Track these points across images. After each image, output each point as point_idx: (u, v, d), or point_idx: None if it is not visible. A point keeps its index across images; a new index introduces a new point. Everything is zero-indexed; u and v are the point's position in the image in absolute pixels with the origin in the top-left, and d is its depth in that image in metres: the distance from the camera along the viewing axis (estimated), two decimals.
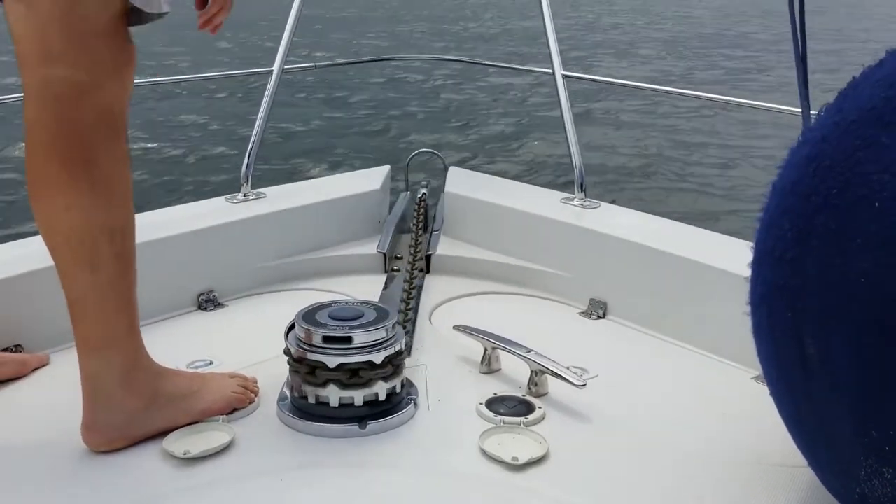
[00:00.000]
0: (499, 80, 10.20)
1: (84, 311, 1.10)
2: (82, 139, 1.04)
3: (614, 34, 16.99)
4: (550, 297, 1.79)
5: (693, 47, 14.74)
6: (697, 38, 15.98)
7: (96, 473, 1.10)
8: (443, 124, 8.51)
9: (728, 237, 1.70)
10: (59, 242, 1.08)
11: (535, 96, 9.17)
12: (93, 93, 1.04)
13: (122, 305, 1.12)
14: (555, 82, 2.05)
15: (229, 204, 1.90)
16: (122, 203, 1.10)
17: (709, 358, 1.51)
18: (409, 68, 10.92)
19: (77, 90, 1.03)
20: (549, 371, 1.29)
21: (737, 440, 1.22)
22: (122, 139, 1.10)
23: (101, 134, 1.06)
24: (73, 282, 1.09)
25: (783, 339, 0.88)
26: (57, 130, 1.04)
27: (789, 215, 0.86)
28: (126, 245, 1.11)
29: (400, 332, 1.27)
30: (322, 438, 1.19)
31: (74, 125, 1.04)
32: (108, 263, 1.08)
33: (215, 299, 1.72)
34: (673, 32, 17.41)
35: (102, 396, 1.12)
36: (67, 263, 1.08)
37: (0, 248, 1.63)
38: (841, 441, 0.85)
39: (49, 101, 1.03)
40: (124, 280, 1.11)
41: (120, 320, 1.12)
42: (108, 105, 1.06)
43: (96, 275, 1.08)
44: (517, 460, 1.11)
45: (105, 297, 1.10)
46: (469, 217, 1.99)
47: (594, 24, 19.42)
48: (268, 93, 2.07)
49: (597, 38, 16.04)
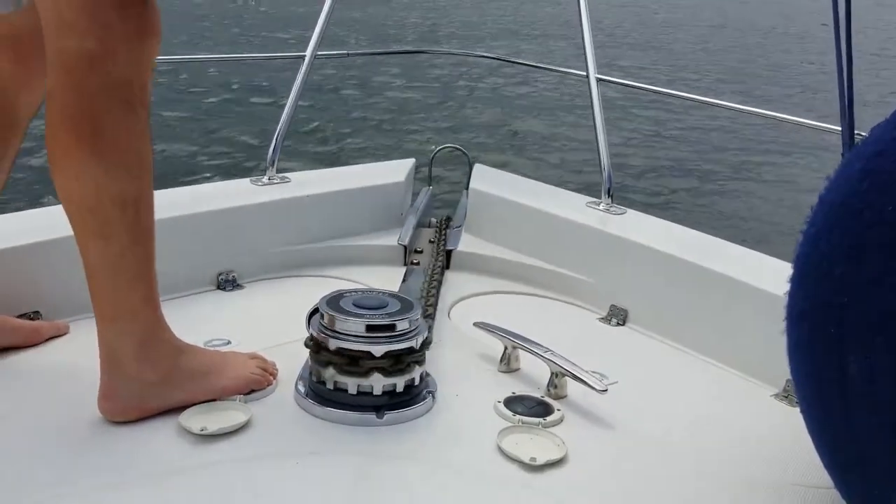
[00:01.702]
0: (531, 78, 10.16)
1: (98, 281, 1.10)
2: (93, 109, 1.03)
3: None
4: (571, 301, 1.77)
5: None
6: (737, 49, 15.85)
7: (111, 445, 1.09)
8: (470, 120, 8.50)
9: (755, 252, 1.68)
10: (73, 211, 1.08)
11: (566, 97, 9.13)
12: (104, 62, 1.02)
13: (136, 277, 1.11)
14: (588, 85, 2.03)
15: (254, 186, 1.89)
16: (136, 174, 1.08)
17: (728, 372, 1.49)
18: (441, 62, 10.90)
19: (87, 59, 1.02)
20: (570, 374, 1.28)
21: (756, 455, 1.21)
22: (137, 110, 1.07)
23: (113, 104, 1.04)
24: (86, 251, 1.09)
25: (823, 358, 0.85)
26: (68, 100, 1.03)
27: (839, 230, 0.84)
28: (141, 217, 1.09)
29: (424, 323, 1.26)
30: (338, 425, 1.18)
31: (86, 95, 1.03)
32: (121, 234, 1.07)
33: (234, 280, 1.72)
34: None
35: (118, 366, 1.11)
36: (81, 232, 1.08)
37: (24, 214, 1.63)
38: (877, 465, 0.83)
39: (62, 71, 1.03)
40: (138, 252, 1.10)
41: (134, 292, 1.11)
42: (121, 75, 1.04)
43: (108, 244, 1.07)
44: (535, 461, 1.10)
45: (118, 268, 1.09)
46: (492, 215, 1.97)
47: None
48: (299, 78, 2.06)
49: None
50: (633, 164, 6.83)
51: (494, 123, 8.40)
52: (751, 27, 20.06)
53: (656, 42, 15.62)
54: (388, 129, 8.01)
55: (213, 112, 7.92)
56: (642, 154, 7.25)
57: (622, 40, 15.06)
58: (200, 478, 1.04)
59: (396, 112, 8.68)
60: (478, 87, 10.16)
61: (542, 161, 7.02)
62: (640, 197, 5.81)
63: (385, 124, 8.17)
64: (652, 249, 1.66)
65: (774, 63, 13.98)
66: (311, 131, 7.30)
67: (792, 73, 12.84)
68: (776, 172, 6.86)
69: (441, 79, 10.50)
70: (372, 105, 8.89)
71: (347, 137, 7.50)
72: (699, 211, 5.83)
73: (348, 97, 9.07)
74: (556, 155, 7.19)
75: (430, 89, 9.93)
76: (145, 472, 1.04)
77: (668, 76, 11.54)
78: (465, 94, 9.81)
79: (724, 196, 6.35)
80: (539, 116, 8.73)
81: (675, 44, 15.59)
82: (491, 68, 10.63)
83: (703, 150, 7.71)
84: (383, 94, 9.42)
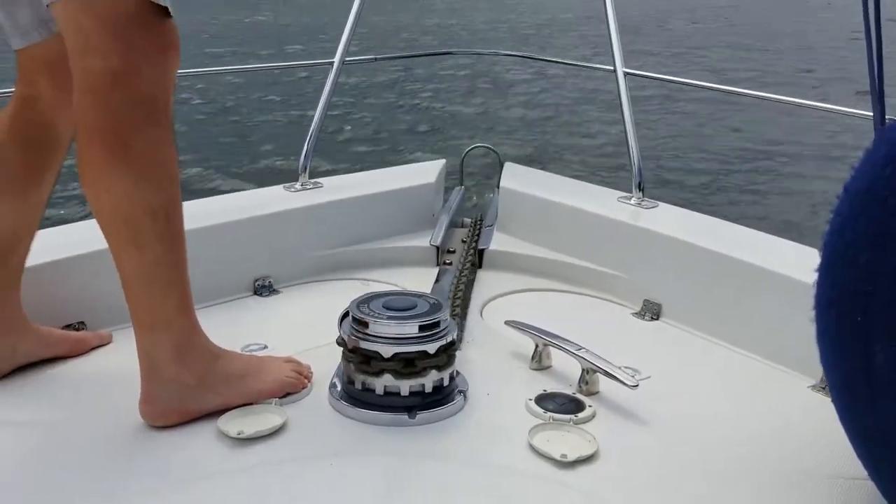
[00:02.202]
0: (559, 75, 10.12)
1: (133, 290, 1.13)
2: (120, 123, 1.07)
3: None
4: (603, 297, 1.77)
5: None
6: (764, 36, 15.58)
7: (152, 451, 1.13)
8: (500, 119, 8.49)
9: (788, 241, 1.66)
10: (105, 223, 1.12)
11: (595, 93, 9.08)
12: (128, 78, 1.06)
13: (169, 284, 1.14)
14: (616, 79, 2.02)
15: (287, 192, 1.92)
16: (163, 184, 1.12)
17: (765, 364, 1.47)
18: (470, 62, 10.91)
19: (112, 77, 1.05)
20: (601, 370, 1.28)
21: (792, 448, 1.19)
22: (162, 122, 1.11)
23: (138, 118, 1.08)
24: (120, 262, 1.12)
25: (850, 346, 0.85)
26: (96, 117, 1.07)
27: (864, 218, 0.83)
28: (171, 226, 1.13)
29: (452, 324, 1.27)
30: (372, 426, 1.20)
31: (112, 111, 1.06)
32: (153, 243, 1.11)
33: (271, 285, 1.75)
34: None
35: (156, 371, 1.15)
36: (114, 244, 1.12)
37: (68, 227, 1.68)
38: None
39: (88, 90, 1.07)
40: (170, 260, 1.13)
41: (168, 299, 1.14)
42: (146, 90, 1.08)
43: (142, 255, 1.11)
44: (566, 457, 1.10)
45: (151, 277, 1.13)
46: (523, 213, 1.98)
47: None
48: (328, 84, 2.09)
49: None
50: (664, 157, 6.76)
51: (524, 121, 8.38)
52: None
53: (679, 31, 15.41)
54: (418, 130, 8.04)
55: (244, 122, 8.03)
56: (672, 147, 7.18)
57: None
58: (238, 481, 1.07)
59: (426, 114, 8.70)
60: (506, 85, 10.15)
61: (572, 157, 6.99)
62: (672, 190, 5.75)
63: (415, 126, 8.21)
64: (684, 242, 1.64)
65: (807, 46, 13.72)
66: (341, 136, 7.36)
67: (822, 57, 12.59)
68: (809, 160, 6.75)
69: (468, 79, 10.51)
70: (401, 108, 8.94)
71: (378, 141, 7.55)
72: (731, 202, 5.76)
73: (377, 101, 9.12)
74: (585, 150, 7.15)
75: (459, 90, 9.95)
76: (185, 477, 1.07)
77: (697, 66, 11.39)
78: (493, 93, 9.80)
79: (756, 186, 6.26)
80: (568, 112, 8.69)
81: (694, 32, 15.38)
82: (518, 66, 10.60)
83: (733, 140, 7.61)
84: (412, 97, 9.46)
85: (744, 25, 16.89)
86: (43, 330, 1.38)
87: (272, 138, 7.32)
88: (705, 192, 6.06)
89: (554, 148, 7.37)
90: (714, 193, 6.04)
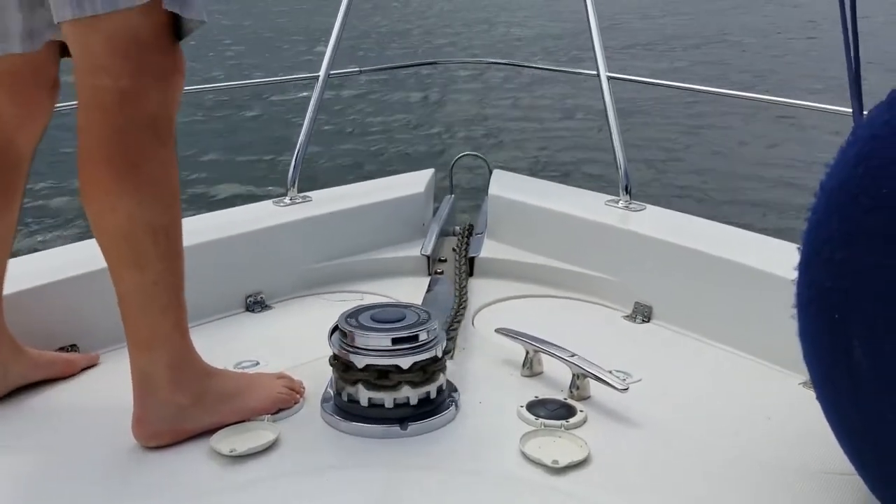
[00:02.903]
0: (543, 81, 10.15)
1: (131, 309, 1.14)
2: (128, 144, 1.08)
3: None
4: (594, 301, 1.78)
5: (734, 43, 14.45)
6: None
7: (144, 472, 1.13)
8: (486, 127, 8.51)
9: (776, 240, 1.67)
10: (107, 242, 1.12)
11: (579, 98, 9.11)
12: (137, 100, 1.08)
13: (168, 304, 1.15)
14: (599, 84, 2.04)
15: (276, 207, 1.93)
16: (167, 204, 1.13)
17: (756, 363, 1.48)
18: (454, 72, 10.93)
19: (121, 98, 1.07)
20: (591, 375, 1.29)
21: (783, 446, 1.20)
22: (168, 143, 1.13)
23: (146, 139, 1.10)
24: (120, 280, 1.13)
25: (830, 343, 0.86)
26: (103, 136, 1.08)
27: (838, 216, 0.84)
28: (171, 245, 1.14)
29: (441, 335, 1.28)
30: (364, 439, 1.20)
31: (120, 131, 1.08)
32: (154, 263, 1.12)
33: (262, 301, 1.75)
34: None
35: (151, 392, 1.15)
36: (115, 263, 1.12)
37: (59, 249, 1.69)
38: (890, 449, 0.83)
39: (96, 110, 1.08)
40: (170, 279, 1.14)
41: (166, 318, 1.15)
42: (153, 111, 1.10)
43: (142, 274, 1.12)
44: (557, 463, 1.11)
45: (151, 296, 1.13)
46: (513, 220, 1.99)
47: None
48: (314, 98, 2.10)
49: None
50: (650, 159, 6.79)
51: (510, 128, 8.40)
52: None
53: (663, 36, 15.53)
54: (405, 141, 8.05)
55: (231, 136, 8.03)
56: (658, 149, 7.21)
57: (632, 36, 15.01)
58: (232, 499, 1.07)
59: (413, 124, 8.72)
60: (492, 93, 10.17)
61: (560, 163, 7.01)
62: (659, 192, 5.77)
63: (402, 136, 8.21)
64: (673, 244, 1.65)
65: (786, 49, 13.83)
66: (329, 149, 7.36)
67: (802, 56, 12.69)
68: (793, 159, 6.77)
69: (455, 87, 10.53)
70: (388, 118, 8.95)
71: (365, 152, 7.55)
72: (718, 203, 5.78)
73: (363, 112, 9.13)
74: (573, 155, 7.17)
75: (445, 99, 9.96)
76: (178, 497, 1.08)
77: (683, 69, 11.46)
78: (480, 101, 9.82)
79: (742, 185, 6.28)
80: (554, 118, 8.72)
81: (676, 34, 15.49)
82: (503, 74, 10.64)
83: (717, 140, 7.63)
84: (398, 107, 9.47)
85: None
86: (33, 352, 1.38)
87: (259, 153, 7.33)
88: (693, 193, 6.08)
89: (542, 153, 7.39)
90: (701, 194, 6.06)
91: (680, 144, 7.53)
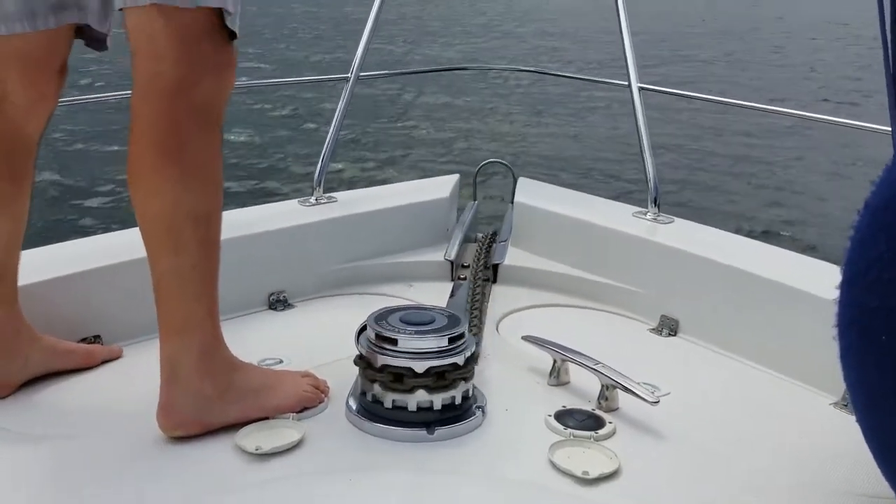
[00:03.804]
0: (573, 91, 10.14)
1: (166, 294, 1.15)
2: (179, 130, 1.11)
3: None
4: (620, 312, 1.76)
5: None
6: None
7: (167, 465, 1.12)
8: (513, 134, 8.50)
9: (807, 257, 1.65)
10: (149, 225, 1.14)
11: (609, 108, 9.09)
12: (193, 89, 1.10)
13: (202, 291, 1.15)
14: (630, 95, 2.02)
15: (302, 207, 1.93)
16: (211, 193, 1.15)
17: (785, 381, 1.46)
18: (483, 78, 10.95)
19: (178, 85, 1.09)
20: (621, 386, 1.27)
21: (815, 466, 1.18)
22: (216, 134, 1.16)
23: (196, 127, 1.12)
24: (157, 264, 1.14)
25: (875, 365, 0.84)
26: (156, 121, 1.10)
27: (885, 234, 0.82)
28: (210, 232, 1.16)
29: (471, 339, 1.27)
30: (390, 441, 1.19)
31: (173, 117, 1.10)
32: (192, 248, 1.13)
33: (285, 300, 1.75)
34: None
35: (179, 379, 1.15)
36: (154, 246, 1.14)
37: (85, 240, 1.69)
38: None
39: (152, 95, 1.10)
40: (206, 266, 1.16)
41: (200, 305, 1.16)
42: (206, 101, 1.12)
43: (180, 258, 1.13)
44: (588, 475, 1.09)
45: (187, 281, 1.14)
46: (538, 228, 1.98)
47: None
48: (343, 98, 2.10)
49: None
50: (680, 172, 6.75)
51: (537, 136, 8.39)
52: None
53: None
54: (431, 145, 8.06)
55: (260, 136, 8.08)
56: (688, 162, 7.16)
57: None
58: (256, 496, 1.06)
59: (439, 129, 8.73)
60: (520, 100, 10.17)
61: (586, 172, 6.99)
62: (688, 205, 5.73)
63: (428, 141, 8.23)
64: (701, 258, 1.64)
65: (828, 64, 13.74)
66: (356, 150, 7.39)
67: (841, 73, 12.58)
68: (828, 176, 6.71)
69: (483, 94, 10.54)
70: (415, 122, 8.97)
71: (392, 155, 7.57)
72: (747, 217, 5.73)
73: (391, 115, 9.16)
74: (600, 165, 7.14)
75: (473, 105, 9.97)
76: (201, 492, 1.07)
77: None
78: (507, 108, 9.83)
79: (774, 201, 6.23)
80: (582, 127, 8.70)
81: None
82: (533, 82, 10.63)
83: (748, 155, 7.59)
84: (426, 112, 9.50)
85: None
86: (53, 341, 1.38)
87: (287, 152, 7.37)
88: (722, 207, 6.03)
89: (569, 162, 7.37)
90: (731, 208, 6.01)
91: (711, 158, 7.48)
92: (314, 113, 8.56)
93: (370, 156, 7.43)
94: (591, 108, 9.54)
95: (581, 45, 15.13)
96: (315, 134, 7.35)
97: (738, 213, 5.88)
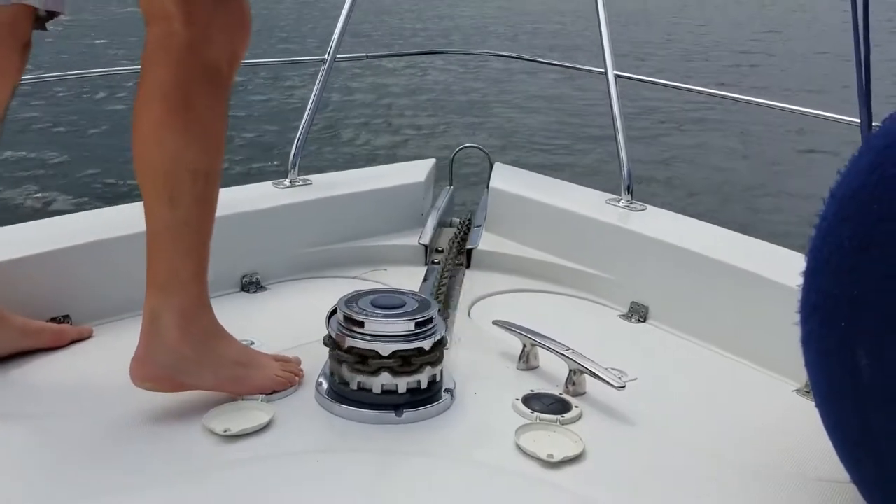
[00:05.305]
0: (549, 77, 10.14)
1: (156, 247, 1.15)
2: (186, 87, 1.12)
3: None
4: (591, 298, 1.78)
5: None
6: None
7: (135, 445, 1.12)
8: (490, 119, 8.50)
9: (776, 246, 1.67)
10: (147, 176, 1.14)
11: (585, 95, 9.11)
12: (203, 47, 1.12)
13: (192, 248, 1.16)
14: (606, 82, 2.03)
15: (276, 189, 1.92)
16: (212, 151, 1.16)
17: (750, 368, 1.49)
18: (460, 62, 10.92)
19: (189, 43, 1.11)
20: (588, 371, 1.28)
21: (775, 451, 1.20)
22: (223, 96, 1.17)
23: (204, 86, 1.14)
24: (151, 216, 1.14)
25: (835, 351, 0.86)
26: (165, 76, 1.12)
27: (849, 224, 0.84)
28: (207, 191, 1.17)
29: (441, 323, 1.27)
30: (359, 424, 1.20)
31: (181, 74, 1.12)
32: (188, 203, 1.14)
33: (258, 282, 1.74)
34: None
35: (159, 334, 1.14)
36: (151, 198, 1.14)
37: (55, 219, 1.67)
38: (891, 458, 0.83)
39: (162, 52, 1.12)
40: (200, 224, 1.16)
41: (189, 262, 1.16)
42: (215, 61, 1.14)
43: (174, 212, 1.13)
44: (552, 458, 1.11)
45: (179, 236, 1.15)
46: (512, 213, 1.98)
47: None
48: (319, 81, 2.09)
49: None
50: (653, 160, 6.79)
51: (514, 122, 8.39)
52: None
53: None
54: (407, 129, 8.04)
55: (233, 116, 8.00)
56: (661, 150, 7.21)
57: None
58: (224, 477, 1.07)
59: (416, 113, 8.70)
60: (497, 86, 10.16)
61: (562, 159, 7.01)
62: (661, 193, 5.78)
63: (405, 125, 8.20)
64: (672, 245, 1.65)
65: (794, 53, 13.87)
66: (331, 133, 7.34)
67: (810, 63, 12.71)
68: (796, 166, 6.80)
69: (460, 78, 10.51)
70: (391, 106, 8.93)
71: (368, 139, 7.54)
72: (719, 206, 5.79)
73: (368, 99, 9.11)
74: (575, 152, 7.17)
75: (450, 89, 9.95)
76: (169, 473, 1.07)
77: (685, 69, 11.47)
78: (484, 93, 9.81)
79: (744, 191, 6.30)
80: (558, 114, 8.71)
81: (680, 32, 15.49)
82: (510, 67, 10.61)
83: (721, 144, 7.65)
84: (402, 95, 9.45)
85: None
86: (22, 320, 1.37)
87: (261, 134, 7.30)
88: (694, 196, 6.09)
89: (544, 148, 7.38)
90: (703, 197, 6.07)
91: (684, 146, 7.54)
92: (290, 95, 8.49)
93: (346, 138, 7.39)
94: (569, 95, 9.55)
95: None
96: (291, 115, 7.29)
97: (710, 202, 5.94)
